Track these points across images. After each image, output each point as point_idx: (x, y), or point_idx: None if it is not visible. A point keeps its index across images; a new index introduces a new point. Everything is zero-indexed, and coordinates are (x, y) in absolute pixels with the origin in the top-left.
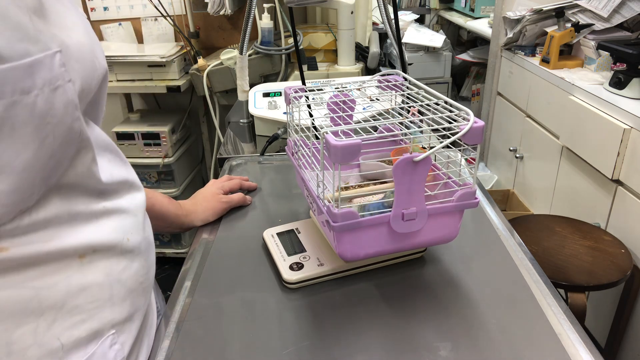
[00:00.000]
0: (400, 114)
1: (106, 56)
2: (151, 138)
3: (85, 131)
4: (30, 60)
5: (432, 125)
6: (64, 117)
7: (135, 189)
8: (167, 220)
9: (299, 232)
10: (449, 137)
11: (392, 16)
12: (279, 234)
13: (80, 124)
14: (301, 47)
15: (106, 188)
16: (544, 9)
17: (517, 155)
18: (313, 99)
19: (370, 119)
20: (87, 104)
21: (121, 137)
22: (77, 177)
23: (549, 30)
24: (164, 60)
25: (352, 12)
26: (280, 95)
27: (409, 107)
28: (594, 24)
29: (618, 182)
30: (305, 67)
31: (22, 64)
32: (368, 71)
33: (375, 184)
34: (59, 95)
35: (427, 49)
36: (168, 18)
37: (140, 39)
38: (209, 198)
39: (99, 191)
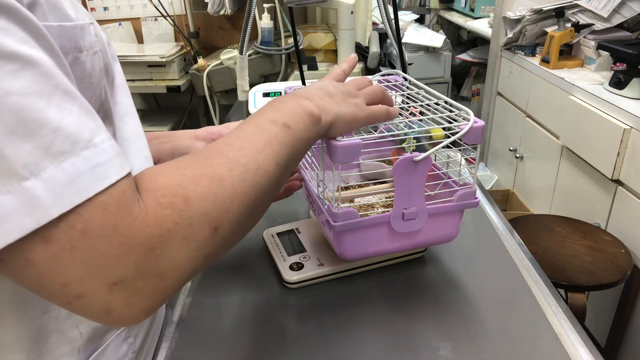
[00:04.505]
0: (401, 114)
1: None
2: None
3: (109, 101)
4: (82, 24)
5: (432, 125)
6: (99, 81)
7: None
8: None
9: (299, 232)
10: (449, 137)
11: (392, 16)
12: (279, 234)
13: (106, 92)
14: (301, 47)
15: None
16: (544, 9)
17: (517, 155)
18: None
19: None
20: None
21: None
22: None
23: (549, 30)
24: (164, 60)
25: (352, 12)
26: (280, 95)
27: (409, 107)
28: (594, 24)
29: (618, 182)
30: (305, 67)
31: (78, 25)
32: (368, 71)
33: (375, 184)
34: (96, 60)
35: (427, 49)
36: (168, 18)
37: (140, 39)
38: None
39: None
